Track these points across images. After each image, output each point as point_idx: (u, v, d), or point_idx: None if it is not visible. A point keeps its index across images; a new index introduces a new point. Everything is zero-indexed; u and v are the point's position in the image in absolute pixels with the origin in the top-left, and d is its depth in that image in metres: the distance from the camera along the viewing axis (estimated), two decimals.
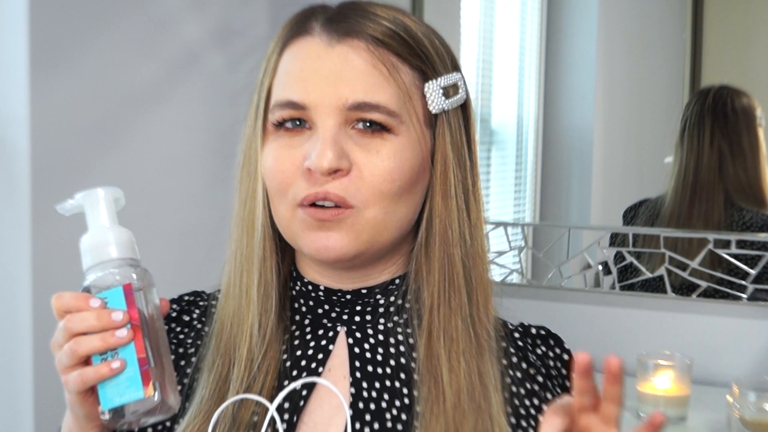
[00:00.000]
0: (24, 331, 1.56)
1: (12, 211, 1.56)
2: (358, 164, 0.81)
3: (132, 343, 0.75)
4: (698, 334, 1.90)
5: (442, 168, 0.85)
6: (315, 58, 0.83)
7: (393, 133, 0.82)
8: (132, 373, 0.75)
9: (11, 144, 1.56)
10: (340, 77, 0.81)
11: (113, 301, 0.76)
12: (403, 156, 0.82)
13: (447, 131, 0.85)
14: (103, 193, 0.86)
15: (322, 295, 0.89)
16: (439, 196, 0.85)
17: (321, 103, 0.81)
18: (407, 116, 0.83)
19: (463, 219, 0.86)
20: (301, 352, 0.88)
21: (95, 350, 0.75)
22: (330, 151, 0.80)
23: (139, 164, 1.73)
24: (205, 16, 1.88)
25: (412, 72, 0.84)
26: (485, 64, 2.27)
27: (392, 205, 0.82)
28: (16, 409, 1.58)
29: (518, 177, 2.28)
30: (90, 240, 0.82)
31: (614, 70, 2.21)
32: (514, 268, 2.12)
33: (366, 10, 0.85)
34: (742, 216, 1.95)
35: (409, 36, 0.84)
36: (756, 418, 1.47)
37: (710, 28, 2.05)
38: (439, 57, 0.86)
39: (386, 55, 0.82)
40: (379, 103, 0.81)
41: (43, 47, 1.54)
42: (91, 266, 0.79)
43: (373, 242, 0.83)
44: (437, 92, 0.84)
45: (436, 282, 0.85)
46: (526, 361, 0.90)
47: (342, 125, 0.82)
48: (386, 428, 0.84)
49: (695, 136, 1.99)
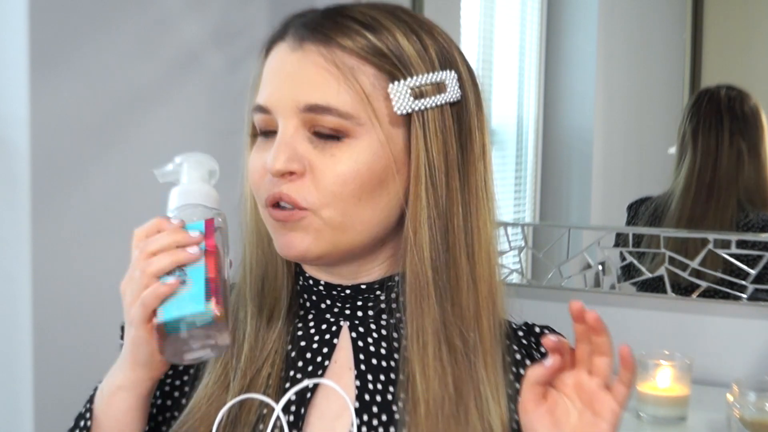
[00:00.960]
0: (24, 331, 1.56)
1: (12, 211, 1.56)
2: (313, 167, 0.82)
3: (204, 264, 0.76)
4: (698, 334, 1.90)
5: (414, 169, 0.84)
6: (279, 62, 0.85)
7: (350, 136, 0.82)
8: (197, 291, 0.75)
9: (11, 144, 1.56)
10: (296, 80, 0.83)
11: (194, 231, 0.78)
12: (360, 159, 0.82)
13: (421, 132, 0.83)
14: (205, 159, 0.86)
15: (323, 290, 0.90)
16: (411, 197, 0.84)
17: (280, 106, 0.83)
18: (367, 118, 0.82)
19: (440, 222, 0.84)
20: (306, 344, 0.89)
21: (164, 268, 0.76)
22: (282, 153, 0.81)
23: (139, 164, 1.73)
24: (205, 16, 1.88)
25: (378, 73, 0.83)
26: (485, 64, 2.27)
27: (351, 207, 0.82)
28: (16, 409, 1.58)
29: (518, 177, 2.28)
30: (183, 188, 0.84)
31: (614, 70, 2.21)
32: (514, 268, 2.12)
33: (341, 13, 0.85)
34: (745, 216, 1.95)
35: (378, 37, 0.83)
36: (756, 418, 1.46)
37: (710, 28, 2.05)
38: (419, 56, 0.84)
39: (344, 58, 0.82)
40: (330, 105, 0.81)
41: (43, 47, 1.54)
42: (178, 206, 0.82)
43: (337, 243, 0.83)
44: (403, 93, 0.83)
45: (408, 285, 0.84)
46: (531, 359, 0.90)
47: (300, 128, 0.83)
48: (394, 420, 0.84)
49: (712, 135, 1.97)
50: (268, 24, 2.01)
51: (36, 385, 1.56)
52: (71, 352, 1.61)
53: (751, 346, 1.85)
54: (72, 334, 1.62)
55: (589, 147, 2.18)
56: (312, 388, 0.86)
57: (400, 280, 0.86)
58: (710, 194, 1.97)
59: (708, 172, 1.97)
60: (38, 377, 1.56)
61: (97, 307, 1.63)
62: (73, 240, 1.62)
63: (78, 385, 1.47)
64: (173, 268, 0.76)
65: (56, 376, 1.59)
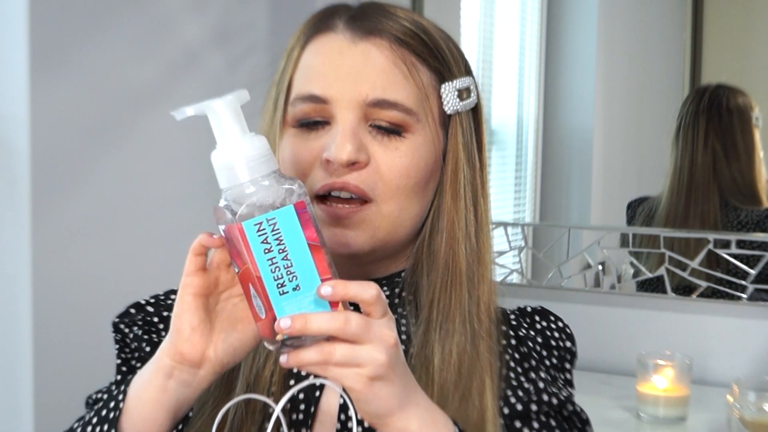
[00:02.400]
0: (24, 331, 1.56)
1: (12, 211, 1.56)
2: (377, 159, 0.84)
3: (313, 264, 0.68)
4: (698, 334, 1.90)
5: (453, 167, 0.87)
6: (338, 54, 0.85)
7: (410, 131, 0.84)
8: (312, 297, 0.68)
9: (11, 144, 1.56)
10: (362, 73, 0.84)
11: (283, 221, 0.68)
12: (419, 154, 0.85)
13: (459, 132, 0.87)
14: (233, 98, 0.73)
15: None
16: (449, 194, 0.87)
17: (342, 98, 0.83)
18: (424, 115, 0.85)
19: (470, 218, 0.88)
20: None
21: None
22: (350, 143, 0.82)
23: (139, 164, 1.73)
24: (205, 16, 1.88)
25: (430, 72, 0.86)
26: (485, 64, 2.27)
27: (407, 201, 0.85)
28: (16, 409, 1.58)
29: (518, 177, 2.27)
30: (242, 151, 0.70)
31: (614, 70, 2.21)
32: (514, 268, 2.12)
33: (387, 11, 0.87)
34: (737, 215, 1.95)
35: (428, 38, 0.87)
36: (756, 418, 1.46)
37: (710, 28, 2.05)
38: (455, 60, 0.88)
39: (407, 55, 0.85)
40: (398, 101, 0.83)
41: (43, 47, 1.54)
42: (242, 183, 0.69)
43: (389, 238, 0.85)
44: (453, 93, 0.87)
45: (439, 277, 0.86)
46: (516, 337, 0.92)
47: (361, 120, 0.84)
48: None
49: (690, 135, 1.99)
50: (268, 24, 2.01)
51: (36, 385, 1.56)
52: (71, 352, 1.61)
53: (751, 346, 1.85)
54: (72, 334, 1.62)
55: (589, 147, 2.18)
56: (320, 386, 0.87)
57: (409, 275, 0.88)
58: (690, 194, 1.98)
59: (686, 173, 1.99)
60: (38, 377, 1.56)
61: (97, 307, 1.63)
62: (73, 240, 1.62)
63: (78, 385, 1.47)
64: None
65: (56, 376, 1.59)
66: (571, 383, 0.94)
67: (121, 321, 0.95)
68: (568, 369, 0.94)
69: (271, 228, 0.68)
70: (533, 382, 0.88)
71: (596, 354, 1.93)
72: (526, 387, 0.87)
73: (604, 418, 1.65)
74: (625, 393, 1.75)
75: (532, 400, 0.86)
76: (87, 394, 0.95)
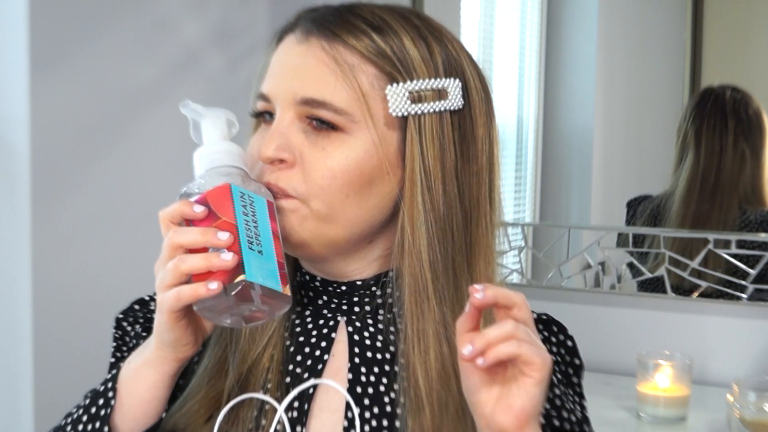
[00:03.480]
0: (24, 331, 1.56)
1: (12, 211, 1.56)
2: (303, 158, 0.83)
3: (273, 246, 0.78)
4: (698, 334, 1.90)
5: (409, 173, 0.84)
6: (285, 54, 0.87)
7: (344, 131, 0.83)
8: (273, 268, 0.77)
9: (11, 144, 1.56)
10: (297, 73, 0.84)
11: (258, 205, 0.79)
12: (351, 155, 0.82)
13: (416, 136, 0.83)
14: (222, 113, 0.86)
15: (319, 286, 0.90)
16: (407, 200, 0.84)
17: (279, 96, 0.85)
18: (361, 117, 0.82)
19: (438, 226, 0.83)
20: (304, 339, 0.89)
21: (197, 270, 0.76)
22: (273, 141, 0.83)
23: (139, 164, 1.73)
24: (205, 17, 1.88)
25: (379, 74, 0.83)
26: (485, 64, 2.27)
27: (338, 202, 0.83)
28: (16, 409, 1.58)
29: (518, 177, 2.28)
30: (227, 146, 0.83)
31: (614, 70, 2.21)
32: (514, 268, 2.12)
33: (351, 12, 0.86)
34: (742, 213, 1.95)
35: (383, 38, 0.84)
36: (756, 418, 1.46)
37: (710, 28, 2.05)
38: (424, 61, 0.84)
39: (345, 55, 0.83)
40: (326, 100, 0.82)
41: (43, 47, 1.54)
42: (233, 165, 0.81)
43: (320, 234, 0.84)
44: (400, 95, 0.83)
45: (406, 286, 0.84)
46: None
47: (296, 119, 0.84)
48: (385, 412, 0.85)
49: (716, 136, 1.98)
50: (268, 24, 2.01)
51: (36, 385, 1.56)
52: (71, 351, 1.61)
53: (751, 346, 1.85)
54: (72, 333, 1.62)
55: (589, 147, 2.18)
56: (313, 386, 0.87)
57: (393, 276, 0.87)
58: (714, 195, 1.97)
59: (712, 173, 1.97)
60: (38, 377, 1.56)
61: (97, 307, 1.63)
62: (73, 240, 1.62)
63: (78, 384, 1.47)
64: (207, 271, 0.76)
65: (56, 376, 1.59)
66: (582, 395, 0.93)
67: (125, 318, 0.95)
68: (576, 383, 0.93)
69: (249, 202, 0.78)
70: (549, 399, 0.87)
71: (596, 354, 1.93)
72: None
73: (604, 418, 1.65)
74: (625, 393, 1.75)
75: (552, 416, 0.86)
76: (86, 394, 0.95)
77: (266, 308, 0.77)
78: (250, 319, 0.78)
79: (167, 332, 0.79)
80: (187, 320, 0.79)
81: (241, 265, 0.75)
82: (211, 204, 0.77)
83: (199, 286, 0.75)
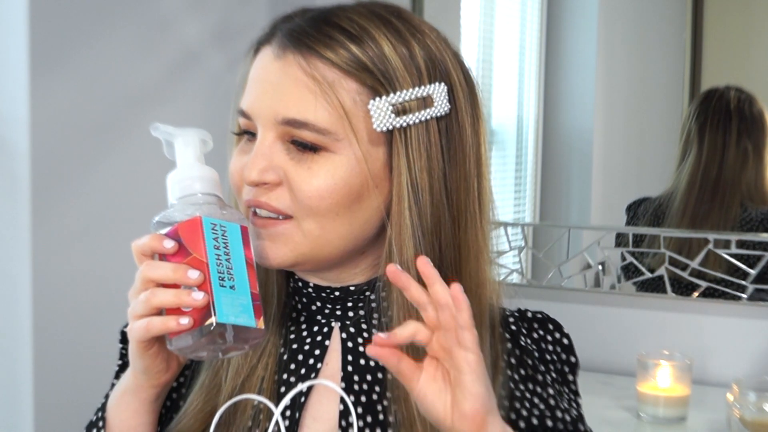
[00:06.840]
0: (24, 331, 1.56)
1: (12, 211, 1.56)
2: (289, 179, 0.81)
3: (247, 277, 0.76)
4: (698, 334, 1.90)
5: (396, 187, 0.82)
6: (262, 70, 0.84)
7: (328, 150, 0.81)
8: (246, 302, 0.76)
9: (11, 144, 1.56)
10: (276, 91, 0.81)
11: (231, 234, 0.77)
12: (336, 174, 0.80)
13: (403, 149, 0.81)
14: (198, 133, 0.84)
15: (312, 292, 0.90)
16: (394, 216, 0.82)
17: (260, 115, 0.82)
18: (344, 134, 0.80)
19: (426, 240, 0.82)
20: (298, 346, 0.89)
21: (168, 305, 0.75)
22: (257, 164, 0.81)
23: (139, 164, 1.73)
24: (205, 16, 1.88)
25: (361, 88, 0.80)
26: (485, 64, 2.27)
27: (329, 221, 0.81)
28: (16, 409, 1.58)
29: (518, 177, 2.27)
30: (200, 171, 0.81)
31: (614, 70, 2.21)
32: (514, 268, 2.12)
33: (327, 21, 0.82)
34: (744, 211, 1.95)
35: (362, 49, 0.80)
36: (756, 418, 1.46)
37: (710, 28, 2.05)
38: (406, 69, 0.81)
39: (324, 71, 0.80)
40: (308, 121, 0.80)
41: (43, 47, 1.54)
42: (206, 192, 0.79)
43: (313, 254, 0.83)
44: (384, 110, 0.80)
45: (394, 298, 0.83)
46: (518, 346, 0.90)
47: (277, 139, 0.82)
48: (378, 420, 0.84)
49: (720, 134, 1.98)
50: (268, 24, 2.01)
51: (36, 385, 1.56)
52: (71, 352, 1.61)
53: (751, 346, 1.85)
54: (72, 334, 1.62)
55: (589, 147, 2.18)
56: (306, 392, 0.86)
57: (381, 285, 0.85)
58: (715, 193, 1.97)
59: (714, 170, 1.98)
60: (38, 377, 1.56)
61: (97, 307, 1.63)
62: (73, 240, 1.62)
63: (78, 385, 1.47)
64: (176, 307, 0.75)
65: (56, 376, 1.59)
66: (577, 392, 0.93)
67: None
68: (571, 380, 0.92)
69: (221, 232, 0.77)
70: (543, 398, 0.87)
71: (596, 354, 1.93)
72: (536, 402, 0.86)
73: (604, 418, 1.65)
74: (625, 393, 1.75)
75: (546, 416, 0.86)
76: (87, 394, 0.96)
77: (240, 344, 0.76)
78: (227, 351, 0.77)
79: (138, 360, 0.80)
80: (157, 348, 0.79)
81: (212, 306, 0.74)
82: (182, 238, 0.76)
83: (169, 319, 0.75)
